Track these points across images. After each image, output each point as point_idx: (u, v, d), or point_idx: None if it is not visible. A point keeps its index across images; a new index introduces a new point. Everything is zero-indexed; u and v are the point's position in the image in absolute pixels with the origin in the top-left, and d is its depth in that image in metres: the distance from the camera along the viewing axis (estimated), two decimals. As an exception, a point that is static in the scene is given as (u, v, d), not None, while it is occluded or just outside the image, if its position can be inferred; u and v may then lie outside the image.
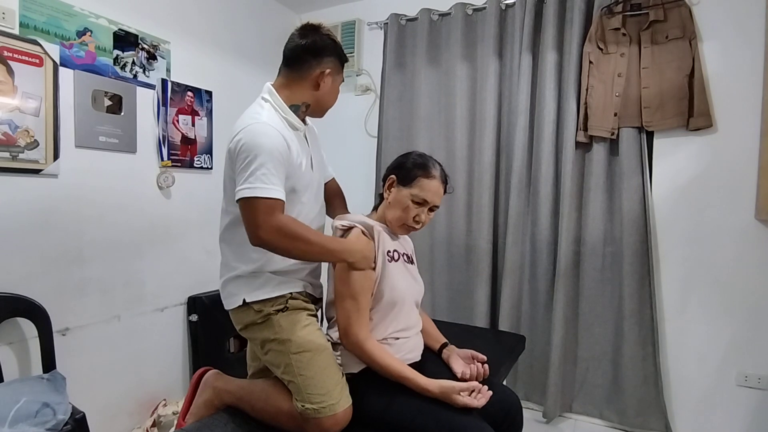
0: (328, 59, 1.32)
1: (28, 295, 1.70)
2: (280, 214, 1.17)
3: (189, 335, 2.39)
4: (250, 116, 1.25)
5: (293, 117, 1.31)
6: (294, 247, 1.19)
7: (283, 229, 1.15)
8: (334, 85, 1.37)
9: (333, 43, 1.34)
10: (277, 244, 1.17)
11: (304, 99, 1.33)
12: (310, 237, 1.21)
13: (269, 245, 1.17)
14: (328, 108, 1.42)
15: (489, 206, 2.47)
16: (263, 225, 1.13)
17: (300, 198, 1.31)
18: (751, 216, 2.01)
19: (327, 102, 1.39)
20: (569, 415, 2.36)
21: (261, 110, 1.27)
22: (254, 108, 1.29)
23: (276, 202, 1.15)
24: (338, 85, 1.40)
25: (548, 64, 2.29)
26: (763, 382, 2.01)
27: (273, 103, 1.30)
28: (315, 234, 1.24)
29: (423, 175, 1.33)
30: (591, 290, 2.27)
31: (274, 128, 1.21)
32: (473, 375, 1.32)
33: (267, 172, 1.15)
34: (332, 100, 1.41)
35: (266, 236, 1.14)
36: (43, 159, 1.75)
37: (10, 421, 1.35)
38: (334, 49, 1.34)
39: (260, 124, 1.20)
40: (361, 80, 2.94)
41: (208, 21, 2.46)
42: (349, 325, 1.26)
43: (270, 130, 1.20)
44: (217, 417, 1.33)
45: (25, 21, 1.70)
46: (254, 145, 1.16)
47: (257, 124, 1.20)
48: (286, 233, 1.16)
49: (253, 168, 1.15)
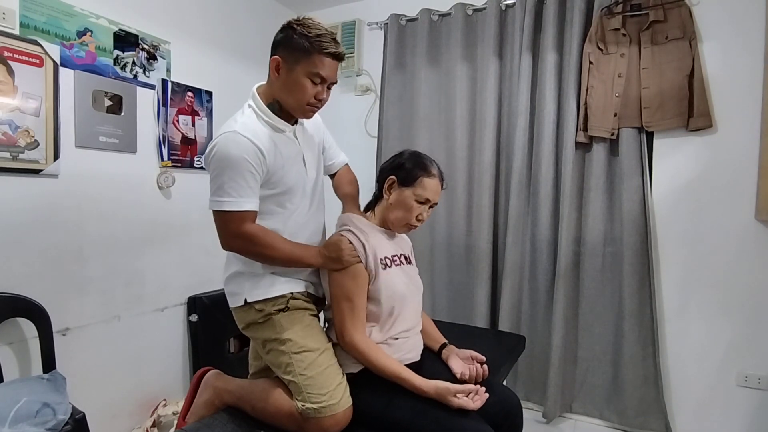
0: (281, 49, 1.25)
1: (28, 295, 1.70)
2: (248, 224, 1.22)
3: (189, 335, 2.39)
4: (227, 125, 1.25)
5: (275, 119, 1.29)
6: (261, 254, 1.26)
7: (251, 239, 1.22)
8: (291, 77, 1.23)
9: (290, 33, 1.23)
10: (244, 252, 1.27)
11: (274, 95, 1.29)
12: (276, 245, 1.25)
13: (238, 253, 1.27)
14: (292, 104, 1.27)
15: (489, 206, 2.47)
16: (230, 235, 1.22)
17: (291, 198, 1.31)
18: (751, 216, 2.01)
19: (285, 97, 1.26)
20: (569, 416, 2.36)
21: (240, 117, 1.27)
22: (235, 115, 1.29)
23: (243, 213, 1.20)
24: (299, 78, 1.22)
25: (548, 64, 2.30)
26: (763, 382, 2.01)
27: (255, 108, 1.29)
28: (282, 242, 1.27)
29: (424, 174, 1.34)
30: (591, 290, 2.27)
31: (245, 137, 1.19)
32: (472, 375, 1.32)
33: (235, 185, 1.18)
34: (292, 94, 1.25)
35: (234, 245, 1.25)
36: (44, 159, 1.75)
37: (10, 421, 1.35)
38: (291, 39, 1.22)
39: (231, 133, 1.20)
40: (361, 80, 2.94)
41: (208, 21, 2.46)
42: (344, 327, 1.26)
43: (240, 139, 1.19)
44: (217, 417, 1.33)
45: (26, 21, 1.70)
46: (223, 156, 1.18)
47: (229, 134, 1.20)
48: (254, 242, 1.22)
49: (221, 181, 1.18)
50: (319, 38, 1.21)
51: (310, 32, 1.21)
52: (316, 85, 1.24)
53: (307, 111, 1.29)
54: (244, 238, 1.21)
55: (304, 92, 1.24)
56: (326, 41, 1.21)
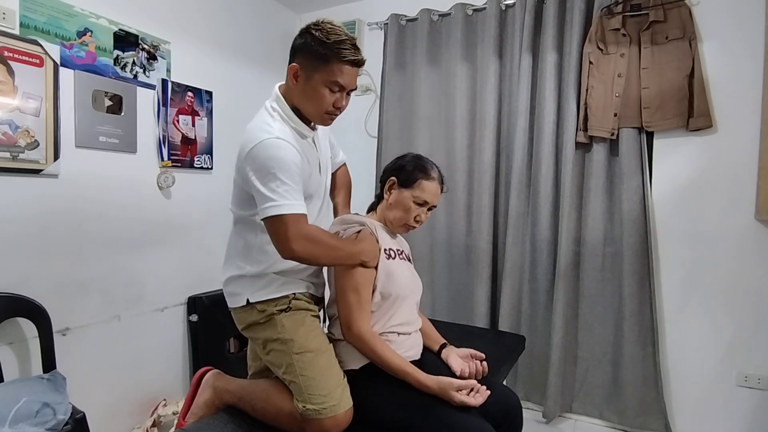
0: (299, 56, 1.24)
1: (28, 295, 1.70)
2: (307, 226, 1.20)
3: (189, 335, 2.39)
4: (262, 129, 1.22)
5: (301, 125, 1.29)
6: (323, 255, 1.24)
7: (313, 240, 1.20)
8: (309, 85, 1.22)
9: (308, 39, 1.21)
10: (308, 255, 1.21)
11: (293, 101, 1.29)
12: (335, 244, 1.27)
13: (301, 256, 1.20)
14: (311, 112, 1.27)
15: (489, 206, 2.47)
16: (294, 239, 1.16)
17: (309, 203, 1.32)
18: (751, 216, 2.01)
19: (304, 104, 1.26)
20: (569, 415, 2.36)
21: (272, 122, 1.24)
22: (264, 118, 1.26)
23: (301, 216, 1.18)
24: (317, 86, 1.22)
25: (548, 64, 2.30)
26: (763, 382, 2.01)
27: (282, 113, 1.27)
28: (337, 239, 1.29)
29: (423, 177, 1.37)
30: (591, 290, 2.27)
31: (287, 142, 1.20)
32: (472, 372, 1.33)
33: (289, 188, 1.16)
34: (310, 102, 1.25)
35: (298, 249, 1.17)
36: (44, 159, 1.75)
37: (10, 421, 1.36)
38: (309, 46, 1.20)
39: (275, 139, 1.18)
40: (361, 80, 2.93)
41: (209, 21, 2.46)
42: (351, 318, 1.27)
43: (284, 144, 1.19)
44: (217, 417, 1.33)
45: (26, 21, 1.70)
46: (272, 161, 1.16)
47: (272, 139, 1.18)
48: (316, 243, 1.21)
49: (274, 185, 1.15)
50: (338, 45, 1.18)
51: (328, 38, 1.18)
52: (334, 93, 1.23)
53: (326, 119, 1.29)
54: (308, 239, 1.18)
55: (323, 101, 1.23)
56: (345, 48, 1.19)
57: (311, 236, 1.19)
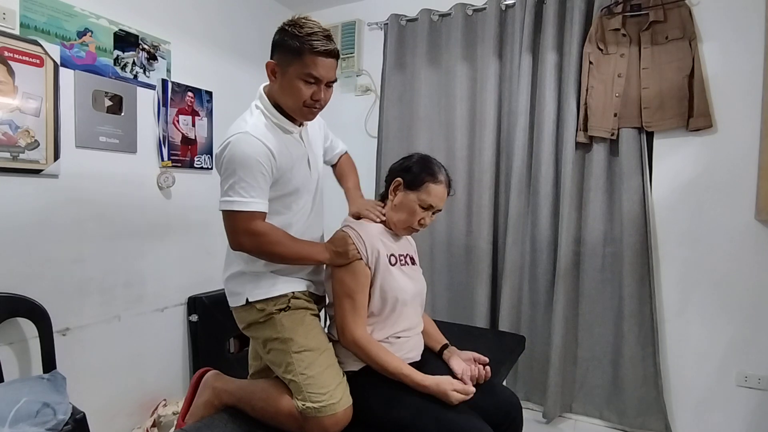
0: (276, 52, 1.26)
1: (28, 295, 1.70)
2: (259, 223, 1.22)
3: (189, 335, 2.39)
4: (236, 125, 1.26)
5: (283, 120, 1.30)
6: (270, 252, 1.26)
7: (260, 237, 1.22)
8: (285, 80, 1.23)
9: (282, 35, 1.23)
10: (254, 251, 1.26)
11: (274, 98, 1.30)
12: (285, 241, 1.26)
13: (248, 250, 1.26)
14: (291, 106, 1.27)
15: (489, 206, 2.47)
16: (239, 233, 1.22)
17: (296, 199, 1.33)
18: (751, 216, 2.01)
19: (284, 99, 1.27)
20: (569, 416, 2.36)
21: (249, 118, 1.27)
22: (244, 116, 1.30)
23: (253, 214, 1.20)
24: (292, 80, 1.22)
25: (548, 64, 2.30)
26: (763, 382, 2.01)
27: (264, 109, 1.29)
28: (290, 239, 1.28)
29: (431, 180, 1.34)
30: (591, 290, 2.27)
31: (257, 137, 1.21)
32: (474, 376, 1.31)
33: (246, 185, 1.19)
34: (288, 97, 1.25)
35: (244, 243, 1.23)
36: (44, 159, 1.75)
37: (10, 421, 1.36)
38: (284, 41, 1.22)
39: (243, 134, 1.21)
40: (361, 80, 2.94)
41: (208, 21, 2.46)
42: (345, 323, 1.27)
43: (252, 140, 1.20)
44: (217, 417, 1.33)
45: (26, 21, 1.70)
46: (235, 157, 1.19)
47: (240, 134, 1.21)
48: (263, 240, 1.23)
49: (232, 181, 1.19)
50: (310, 37, 1.19)
51: (300, 32, 1.19)
52: (311, 84, 1.23)
53: (306, 113, 1.29)
54: (253, 235, 1.21)
55: (299, 93, 1.23)
56: (316, 39, 1.19)
57: (259, 232, 1.21)
